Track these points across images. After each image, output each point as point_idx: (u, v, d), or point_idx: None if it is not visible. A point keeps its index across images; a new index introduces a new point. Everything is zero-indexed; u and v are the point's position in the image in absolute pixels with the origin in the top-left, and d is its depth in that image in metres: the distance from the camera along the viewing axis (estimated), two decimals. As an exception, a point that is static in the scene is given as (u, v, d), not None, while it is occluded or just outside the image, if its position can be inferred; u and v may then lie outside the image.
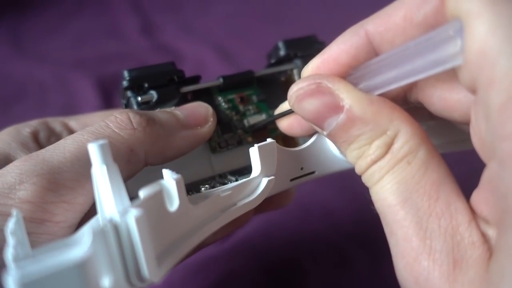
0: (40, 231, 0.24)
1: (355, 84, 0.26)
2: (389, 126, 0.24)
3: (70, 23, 1.01)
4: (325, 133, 0.27)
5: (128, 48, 0.91)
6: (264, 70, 0.38)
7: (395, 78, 0.25)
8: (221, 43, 0.89)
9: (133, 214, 0.19)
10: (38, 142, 0.32)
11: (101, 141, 0.21)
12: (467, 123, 0.24)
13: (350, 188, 0.54)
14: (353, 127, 0.25)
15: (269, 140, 0.29)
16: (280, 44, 0.38)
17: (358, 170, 0.26)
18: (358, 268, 0.45)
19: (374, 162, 0.25)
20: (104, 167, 0.21)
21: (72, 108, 0.74)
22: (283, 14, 1.02)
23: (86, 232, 0.19)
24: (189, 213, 0.25)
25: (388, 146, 0.24)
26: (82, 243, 0.18)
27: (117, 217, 0.20)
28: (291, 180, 0.31)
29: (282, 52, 0.38)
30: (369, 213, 0.50)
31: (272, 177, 0.29)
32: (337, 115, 0.25)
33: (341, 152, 0.27)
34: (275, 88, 0.38)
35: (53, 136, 0.34)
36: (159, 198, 0.23)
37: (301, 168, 0.32)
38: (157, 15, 1.02)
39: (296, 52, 0.38)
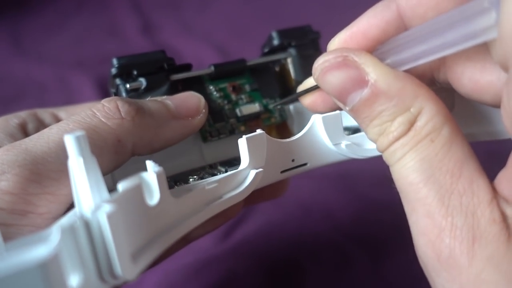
0: (23, 223, 0.23)
1: (381, 59, 0.25)
2: (413, 102, 0.24)
3: (70, 22, 1.02)
4: (347, 108, 0.26)
5: (128, 47, 0.91)
6: (257, 59, 0.37)
7: (423, 53, 0.24)
8: (221, 43, 0.89)
9: (104, 210, 0.18)
10: (27, 133, 0.32)
11: (78, 132, 0.20)
12: (498, 106, 0.24)
13: (351, 188, 0.54)
14: (377, 102, 0.24)
15: (258, 131, 0.28)
16: (274, 34, 0.37)
17: (379, 148, 0.25)
18: (358, 268, 0.45)
19: (397, 139, 0.24)
20: (81, 160, 0.20)
21: (71, 108, 0.74)
22: (283, 14, 1.01)
23: (55, 229, 0.18)
24: (171, 207, 0.24)
25: (411, 123, 0.24)
26: (50, 240, 0.17)
27: (88, 213, 0.19)
28: (282, 172, 0.30)
29: (276, 41, 0.37)
30: (369, 213, 0.49)
31: (261, 169, 0.28)
32: (361, 90, 0.25)
33: (362, 129, 0.26)
34: (269, 77, 0.37)
35: (42, 127, 0.33)
36: (138, 192, 0.22)
37: (293, 160, 0.30)
38: (157, 14, 1.03)
39: (290, 41, 0.37)
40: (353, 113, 0.26)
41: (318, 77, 0.27)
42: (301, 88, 0.33)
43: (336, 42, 0.28)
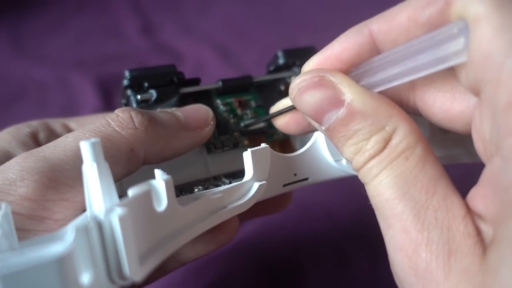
0: (40, 229, 0.24)
1: (356, 81, 0.26)
2: (387, 122, 0.25)
3: (70, 23, 1.02)
4: (323, 128, 0.27)
5: (128, 48, 0.92)
6: (263, 76, 0.38)
7: (396, 75, 0.25)
8: (221, 43, 0.90)
9: (117, 213, 0.19)
10: (38, 142, 0.32)
11: (93, 139, 0.21)
12: (469, 133, 0.25)
13: (351, 188, 0.53)
14: (353, 122, 0.25)
15: (263, 145, 0.29)
16: (279, 53, 0.39)
17: (355, 166, 0.26)
18: (358, 268, 0.45)
19: (372, 157, 0.25)
20: (95, 165, 0.21)
21: (72, 108, 0.74)
22: (283, 14, 1.03)
23: (69, 228, 0.18)
24: (177, 214, 0.25)
25: (386, 142, 0.24)
26: (65, 239, 0.18)
27: (101, 215, 0.19)
28: (284, 185, 0.31)
29: (281, 61, 0.39)
30: (369, 213, 0.49)
31: (264, 182, 0.29)
32: (337, 109, 0.25)
33: (338, 148, 0.27)
34: (274, 95, 0.38)
35: (53, 137, 0.34)
36: (147, 198, 0.23)
37: (295, 174, 0.32)
38: (157, 15, 1.03)
39: (294, 61, 0.38)
40: (329, 133, 0.26)
41: (295, 96, 0.27)
42: (274, 109, 0.33)
43: (311, 65, 0.29)
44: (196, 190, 0.30)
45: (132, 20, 1.00)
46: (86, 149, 0.21)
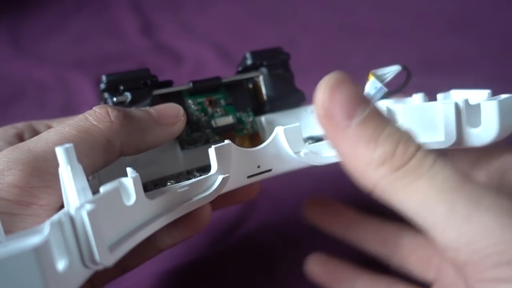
0: (27, 213, 0.27)
1: None
2: None
3: (70, 23, 1.03)
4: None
5: (128, 48, 0.93)
6: (232, 77, 0.41)
7: None
8: (221, 43, 0.91)
9: (85, 209, 0.23)
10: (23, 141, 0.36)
11: (67, 145, 0.24)
12: None
13: (350, 186, 0.52)
14: None
15: (226, 141, 0.32)
16: (248, 55, 0.41)
17: None
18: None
19: None
20: (69, 167, 0.25)
21: (71, 108, 0.76)
22: (283, 14, 1.04)
23: (47, 223, 0.22)
24: (145, 207, 0.28)
25: None
26: (42, 232, 0.22)
27: (73, 211, 0.23)
28: (248, 177, 0.34)
29: (249, 61, 0.41)
30: (368, 212, 0.49)
31: (227, 175, 0.32)
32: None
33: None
34: (242, 93, 0.41)
35: None
36: (116, 194, 0.26)
37: (258, 166, 0.34)
38: (157, 15, 1.04)
39: (262, 62, 0.41)
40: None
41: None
42: None
43: None
44: (168, 183, 0.32)
45: (132, 20, 1.01)
46: (60, 153, 0.24)
